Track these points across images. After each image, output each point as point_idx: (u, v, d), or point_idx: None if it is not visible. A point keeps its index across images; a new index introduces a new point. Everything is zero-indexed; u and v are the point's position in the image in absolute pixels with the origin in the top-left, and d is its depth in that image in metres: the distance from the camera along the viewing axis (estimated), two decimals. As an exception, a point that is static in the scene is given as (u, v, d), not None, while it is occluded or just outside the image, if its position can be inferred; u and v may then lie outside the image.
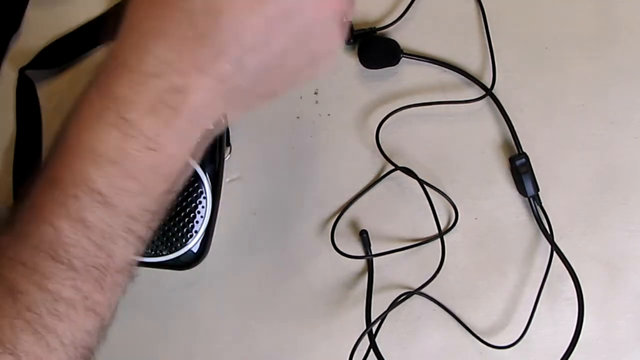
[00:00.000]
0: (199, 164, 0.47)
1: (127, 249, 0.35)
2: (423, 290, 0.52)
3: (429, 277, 0.51)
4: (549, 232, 0.52)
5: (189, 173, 0.36)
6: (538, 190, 0.51)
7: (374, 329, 0.51)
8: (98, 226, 0.33)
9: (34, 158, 0.53)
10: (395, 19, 0.53)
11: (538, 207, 0.52)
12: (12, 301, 0.32)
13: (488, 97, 0.53)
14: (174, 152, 0.33)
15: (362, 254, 0.53)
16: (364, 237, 0.52)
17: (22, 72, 0.53)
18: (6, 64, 0.54)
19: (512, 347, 0.51)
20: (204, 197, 0.48)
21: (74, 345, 0.34)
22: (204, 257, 0.49)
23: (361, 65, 0.53)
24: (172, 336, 0.53)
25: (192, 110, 0.32)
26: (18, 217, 0.33)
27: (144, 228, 0.35)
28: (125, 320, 0.52)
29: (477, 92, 0.53)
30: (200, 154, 0.35)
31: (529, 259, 0.53)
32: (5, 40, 0.55)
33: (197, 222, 0.48)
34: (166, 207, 0.35)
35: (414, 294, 0.52)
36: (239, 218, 0.53)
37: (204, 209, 0.48)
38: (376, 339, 0.51)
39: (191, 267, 0.49)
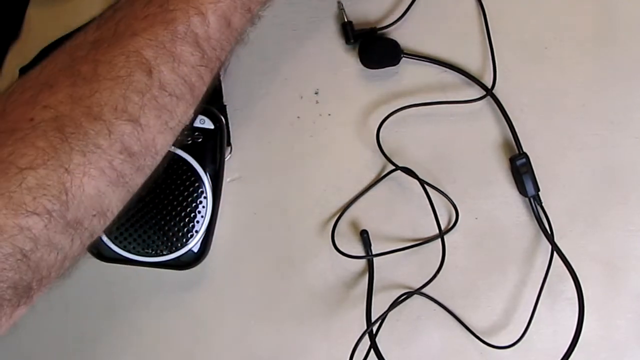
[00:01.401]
0: (199, 163, 0.47)
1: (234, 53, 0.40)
2: (423, 290, 0.52)
3: (429, 277, 0.51)
4: (549, 232, 0.52)
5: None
6: (538, 190, 0.51)
7: (374, 329, 0.51)
8: (236, 28, 0.39)
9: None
10: (395, 19, 0.53)
11: (538, 207, 0.52)
12: (146, 78, 0.35)
13: (488, 97, 0.53)
14: None
15: (362, 254, 0.53)
16: (364, 237, 0.52)
17: (22, 72, 0.53)
18: (6, 64, 0.54)
19: (512, 347, 0.51)
20: (205, 197, 0.48)
21: (180, 128, 0.38)
22: (205, 257, 0.49)
23: (361, 65, 0.53)
24: (172, 336, 0.53)
25: None
26: (156, 3, 0.36)
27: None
28: (125, 320, 0.52)
29: (478, 92, 0.53)
30: None
31: (529, 259, 0.53)
32: (5, 40, 0.55)
33: (197, 222, 0.48)
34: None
35: (414, 294, 0.52)
36: (239, 218, 0.53)
37: (205, 208, 0.48)
38: (376, 339, 0.51)
39: (191, 267, 0.49)
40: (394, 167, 0.52)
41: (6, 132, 0.32)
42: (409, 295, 0.52)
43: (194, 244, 0.48)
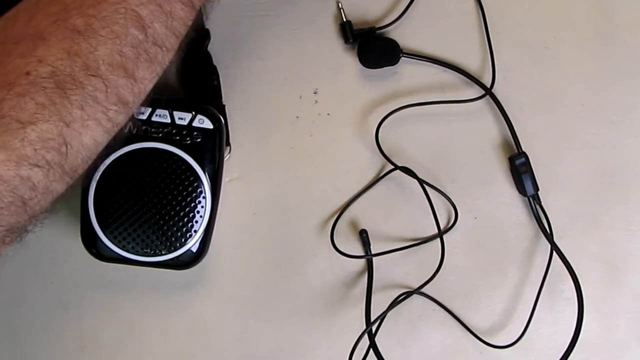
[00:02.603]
0: (198, 163, 0.47)
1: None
2: (423, 290, 0.52)
3: (429, 276, 0.51)
4: (548, 231, 0.52)
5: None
6: (538, 189, 0.51)
7: (374, 328, 0.51)
8: None
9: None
10: (394, 18, 0.53)
11: (538, 207, 0.52)
12: (141, 34, 0.37)
13: (488, 96, 0.53)
14: None
15: (361, 253, 0.53)
16: (363, 237, 0.52)
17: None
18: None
19: (512, 346, 0.51)
20: (204, 197, 0.48)
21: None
22: (204, 257, 0.49)
23: (361, 65, 0.53)
24: (172, 336, 0.53)
25: None
26: None
27: None
28: (124, 320, 0.53)
29: (477, 91, 0.53)
30: None
31: (529, 258, 0.53)
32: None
33: (196, 221, 0.48)
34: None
35: (413, 293, 0.52)
36: (238, 218, 0.53)
37: (204, 208, 0.48)
38: (376, 339, 0.51)
39: (190, 267, 0.49)
40: (393, 167, 0.52)
41: (4, 86, 0.34)
42: (408, 295, 0.52)
43: (193, 243, 0.48)
